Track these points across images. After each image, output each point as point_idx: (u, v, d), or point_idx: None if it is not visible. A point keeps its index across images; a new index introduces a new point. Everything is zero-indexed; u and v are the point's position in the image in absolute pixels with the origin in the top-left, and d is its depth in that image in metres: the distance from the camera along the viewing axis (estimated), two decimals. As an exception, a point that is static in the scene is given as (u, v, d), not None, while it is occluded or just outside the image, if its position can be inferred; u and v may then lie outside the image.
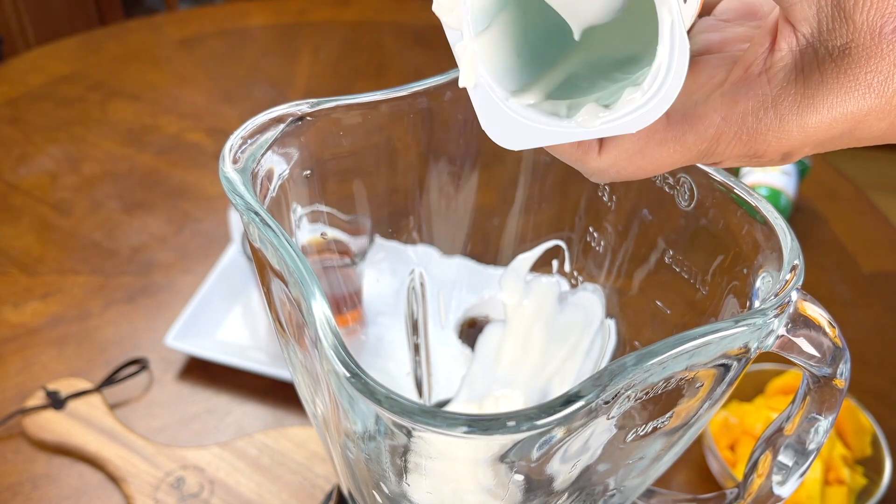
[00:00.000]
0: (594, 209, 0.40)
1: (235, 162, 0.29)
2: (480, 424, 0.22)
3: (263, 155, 0.31)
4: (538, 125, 0.23)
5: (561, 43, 0.25)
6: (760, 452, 0.34)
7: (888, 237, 0.82)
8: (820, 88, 0.21)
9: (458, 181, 0.41)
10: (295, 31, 1.12)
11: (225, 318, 0.65)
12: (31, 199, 0.79)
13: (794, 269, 0.28)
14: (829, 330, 0.29)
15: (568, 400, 0.23)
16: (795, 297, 0.28)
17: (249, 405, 0.60)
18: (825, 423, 0.32)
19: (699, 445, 0.56)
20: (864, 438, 0.55)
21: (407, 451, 0.26)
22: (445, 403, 0.47)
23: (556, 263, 0.44)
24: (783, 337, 0.29)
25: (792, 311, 0.28)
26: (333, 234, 0.40)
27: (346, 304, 0.45)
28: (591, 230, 0.41)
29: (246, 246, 0.61)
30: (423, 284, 0.45)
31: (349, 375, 0.22)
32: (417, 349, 0.46)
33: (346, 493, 0.38)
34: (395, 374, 0.45)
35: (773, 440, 0.34)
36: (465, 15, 0.23)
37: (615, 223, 0.39)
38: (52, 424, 0.56)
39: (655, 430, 0.29)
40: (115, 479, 0.54)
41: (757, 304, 0.30)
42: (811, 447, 0.33)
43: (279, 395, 0.60)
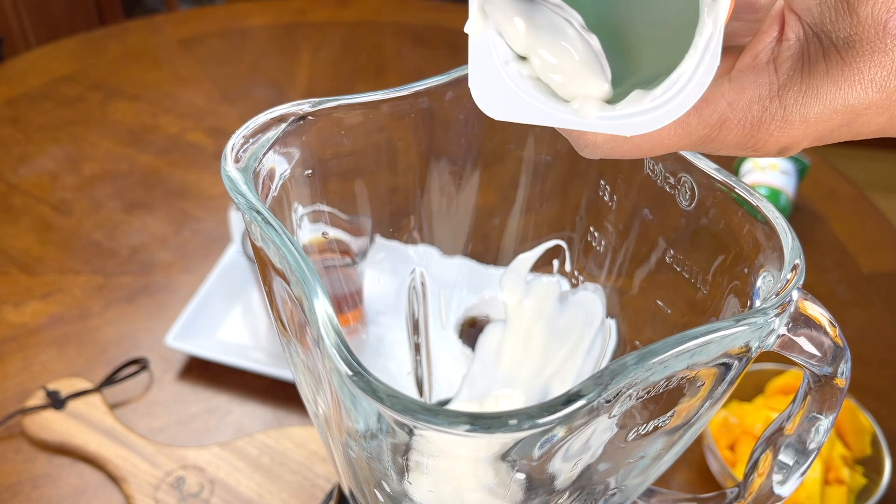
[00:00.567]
0: (595, 209, 0.40)
1: (237, 161, 0.29)
2: (482, 423, 0.22)
3: (265, 154, 0.31)
4: (530, 100, 0.22)
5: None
6: (761, 452, 0.34)
7: (888, 237, 0.82)
8: (824, 79, 0.21)
9: (458, 181, 0.41)
10: (295, 31, 1.12)
11: (225, 318, 0.65)
12: (31, 199, 0.79)
13: (794, 268, 0.28)
14: (829, 329, 0.29)
15: (569, 399, 0.23)
16: (796, 296, 0.28)
17: (249, 405, 0.60)
18: (826, 422, 0.32)
19: (699, 445, 0.56)
20: (863, 438, 0.55)
21: (408, 449, 0.26)
22: (446, 403, 0.47)
23: (556, 263, 0.44)
24: (784, 336, 0.29)
25: (793, 310, 0.29)
26: (334, 233, 0.40)
27: (346, 303, 0.45)
28: (591, 230, 0.41)
29: (246, 246, 0.61)
30: (423, 284, 0.45)
31: (352, 374, 0.22)
32: (418, 349, 0.46)
33: (347, 492, 0.38)
34: (395, 373, 0.45)
35: (773, 439, 0.34)
36: None
37: (616, 223, 0.39)
38: (52, 424, 0.56)
39: (656, 429, 0.29)
40: (115, 478, 0.54)
41: (758, 303, 0.30)
42: (812, 446, 0.33)
43: (279, 394, 0.60)
